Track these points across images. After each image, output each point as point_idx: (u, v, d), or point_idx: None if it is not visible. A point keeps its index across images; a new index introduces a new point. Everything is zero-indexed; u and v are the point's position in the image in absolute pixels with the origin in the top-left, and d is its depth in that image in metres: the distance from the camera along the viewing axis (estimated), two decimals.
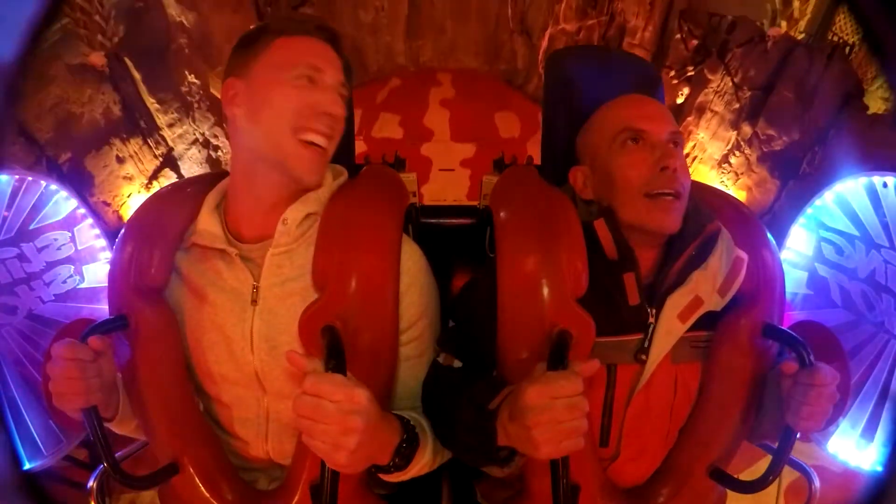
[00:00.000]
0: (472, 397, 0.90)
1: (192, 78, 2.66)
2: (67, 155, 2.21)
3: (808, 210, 2.00)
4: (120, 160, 2.39)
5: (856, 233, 1.88)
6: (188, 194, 1.07)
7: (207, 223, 1.01)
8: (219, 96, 2.59)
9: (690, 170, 3.11)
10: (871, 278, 1.85)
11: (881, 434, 1.79)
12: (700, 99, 3.06)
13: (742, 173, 2.90)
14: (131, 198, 2.44)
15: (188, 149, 2.71)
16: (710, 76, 3.00)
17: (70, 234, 1.89)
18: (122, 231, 1.05)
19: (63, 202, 1.88)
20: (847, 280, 1.90)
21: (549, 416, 0.76)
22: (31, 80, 2.04)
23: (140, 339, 0.99)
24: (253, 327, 0.99)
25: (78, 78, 2.24)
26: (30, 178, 1.82)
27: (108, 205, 2.37)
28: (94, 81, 2.29)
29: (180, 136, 2.66)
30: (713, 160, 3.01)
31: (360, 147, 1.38)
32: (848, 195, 1.90)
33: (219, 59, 2.70)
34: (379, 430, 0.84)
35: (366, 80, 3.61)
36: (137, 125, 2.45)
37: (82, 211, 1.91)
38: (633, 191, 1.00)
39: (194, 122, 2.72)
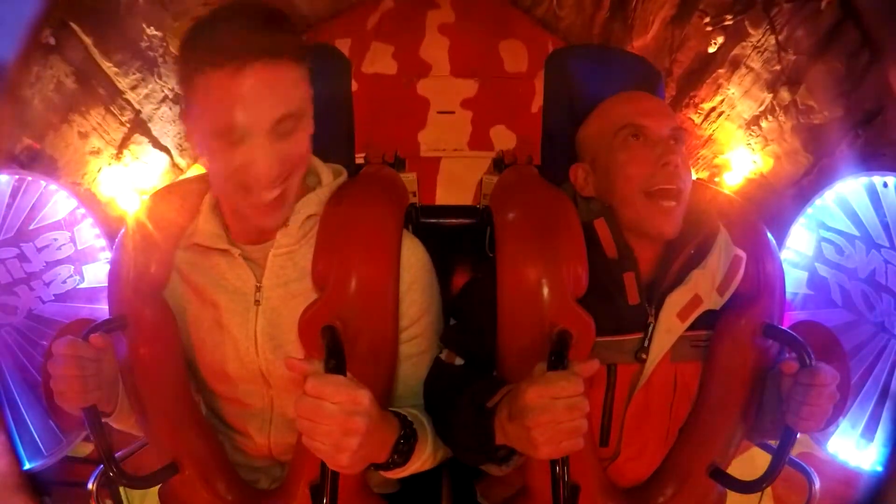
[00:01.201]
0: (471, 396, 0.90)
1: (151, 31, 2.37)
2: (24, 143, 2.04)
3: (809, 210, 2.00)
4: (83, 136, 2.21)
5: (856, 233, 1.88)
6: (187, 193, 1.07)
7: (208, 223, 1.01)
8: None
9: (715, 125, 2.89)
10: (871, 278, 1.85)
11: (881, 434, 1.79)
12: (735, 51, 2.75)
13: (772, 140, 2.71)
14: (101, 172, 2.29)
15: (157, 108, 2.48)
16: (750, 30, 2.68)
17: (70, 234, 1.89)
18: (122, 231, 1.05)
19: (63, 202, 1.88)
20: (847, 280, 1.90)
21: (550, 416, 0.75)
22: None
23: (140, 340, 0.99)
24: (257, 327, 0.99)
25: (20, 57, 2.10)
26: (29, 178, 1.82)
27: (79, 184, 2.22)
28: (38, 57, 2.02)
29: (147, 96, 2.42)
30: (742, 119, 2.81)
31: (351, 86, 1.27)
32: (848, 195, 1.90)
33: (180, 5, 2.41)
34: (379, 429, 0.84)
35: (355, 1, 3.14)
36: (96, 94, 2.23)
37: (82, 211, 1.91)
38: (634, 188, 1.00)
39: (160, 78, 2.44)
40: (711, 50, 2.86)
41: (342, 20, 3.08)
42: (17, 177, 1.80)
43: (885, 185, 1.83)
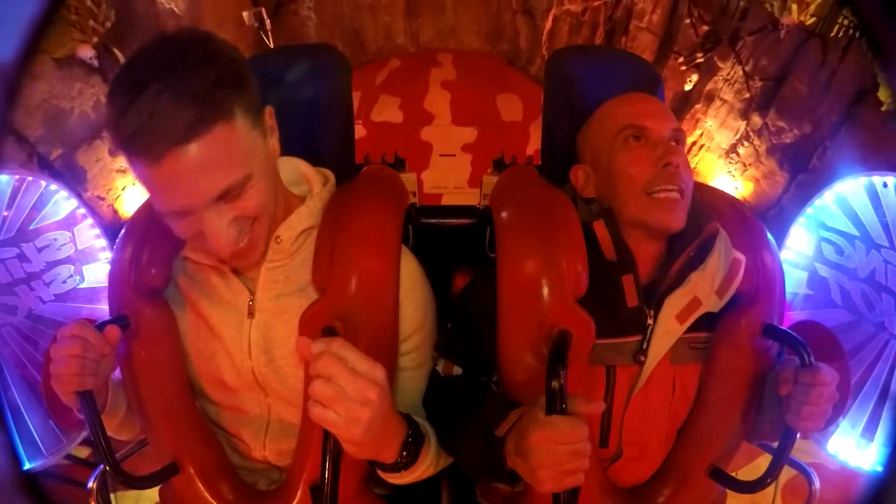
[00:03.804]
0: (480, 420, 0.90)
1: None
2: (59, 151, 2.18)
3: (809, 210, 2.00)
4: (113, 153, 2.34)
5: (856, 233, 1.88)
6: None
7: None
8: None
9: (697, 158, 3.04)
10: (871, 278, 1.85)
11: (881, 434, 1.79)
12: (709, 86, 2.98)
13: (750, 164, 2.85)
14: (126, 191, 2.38)
15: None
16: (720, 64, 2.92)
17: (70, 234, 1.89)
18: (123, 231, 1.05)
19: (63, 202, 1.88)
20: (847, 280, 1.90)
21: (553, 459, 0.77)
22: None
23: (140, 340, 0.99)
24: (251, 339, 0.98)
25: (65, 72, 2.20)
26: (30, 178, 1.82)
27: (103, 199, 2.32)
28: (82, 75, 2.25)
29: None
30: (721, 149, 2.95)
31: (359, 132, 1.33)
32: (848, 195, 1.91)
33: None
34: (389, 416, 0.82)
35: (364, 60, 3.45)
36: None
37: (82, 211, 1.91)
38: (635, 188, 1.00)
39: None
40: (688, 87, 3.10)
41: (353, 76, 3.41)
42: (17, 177, 1.80)
43: (885, 185, 1.83)
